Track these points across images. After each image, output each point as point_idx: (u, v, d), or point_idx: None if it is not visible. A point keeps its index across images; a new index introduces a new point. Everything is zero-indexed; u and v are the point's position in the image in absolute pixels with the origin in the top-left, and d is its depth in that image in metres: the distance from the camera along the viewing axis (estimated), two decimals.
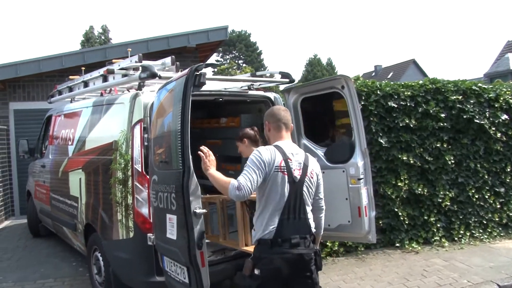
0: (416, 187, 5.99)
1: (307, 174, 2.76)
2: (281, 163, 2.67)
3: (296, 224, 2.67)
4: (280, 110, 2.94)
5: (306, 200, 2.75)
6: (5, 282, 5.18)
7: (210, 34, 9.89)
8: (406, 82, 6.20)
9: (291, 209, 2.66)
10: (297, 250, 2.61)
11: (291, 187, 2.67)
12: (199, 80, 3.20)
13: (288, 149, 2.77)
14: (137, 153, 3.89)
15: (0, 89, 8.81)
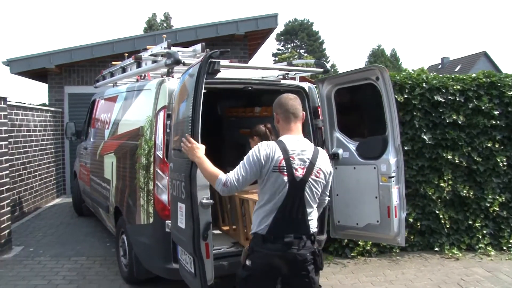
0: (462, 189, 5.56)
1: (313, 173, 2.53)
2: (281, 162, 2.47)
3: (292, 224, 2.51)
4: (288, 99, 2.68)
5: (308, 201, 2.55)
6: (43, 256, 5.47)
7: (260, 22, 9.76)
8: (457, 75, 5.73)
9: (288, 208, 2.49)
10: (289, 249, 2.46)
11: (291, 187, 2.48)
12: (213, 68, 3.11)
13: (292, 145, 2.54)
14: (159, 140, 3.89)
15: (56, 73, 9.30)
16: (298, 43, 54.93)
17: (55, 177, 8.92)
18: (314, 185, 2.56)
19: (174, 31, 9.64)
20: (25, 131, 7.33)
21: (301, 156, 2.53)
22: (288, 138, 2.59)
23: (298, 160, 2.51)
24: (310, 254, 2.51)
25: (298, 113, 2.65)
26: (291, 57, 43.95)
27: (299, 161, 2.51)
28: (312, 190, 2.55)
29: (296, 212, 2.51)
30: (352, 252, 5.42)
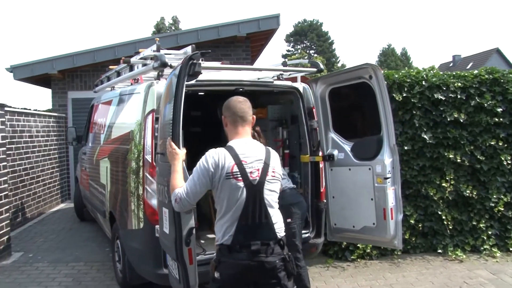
0: (465, 189, 5.41)
1: (268, 173, 2.46)
2: (233, 168, 2.39)
3: (257, 230, 2.41)
4: (236, 102, 2.59)
5: (269, 202, 2.47)
6: (42, 262, 5.47)
7: (261, 23, 9.68)
8: (458, 72, 5.58)
9: (250, 214, 2.40)
10: (257, 257, 2.36)
11: (249, 192, 2.39)
12: (194, 69, 3.04)
13: (242, 149, 2.46)
14: (148, 144, 3.84)
15: (59, 79, 9.34)
16: (308, 44, 54.69)
17: (59, 182, 8.95)
18: (272, 186, 2.49)
19: (176, 34, 9.62)
20: (27, 136, 7.36)
21: (253, 158, 2.45)
22: (237, 142, 2.51)
23: (251, 163, 2.43)
24: (279, 261, 2.41)
25: (246, 117, 2.57)
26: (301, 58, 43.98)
27: (252, 164, 2.43)
28: (271, 191, 2.48)
29: (259, 216, 2.41)
30: (352, 255, 5.31)
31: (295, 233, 3.87)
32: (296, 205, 3.98)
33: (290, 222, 3.84)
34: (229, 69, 4.46)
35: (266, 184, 2.45)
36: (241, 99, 2.62)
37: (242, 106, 2.57)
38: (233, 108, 2.57)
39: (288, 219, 3.85)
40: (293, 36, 55.27)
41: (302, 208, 4.05)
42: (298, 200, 4.07)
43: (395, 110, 5.34)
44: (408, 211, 5.35)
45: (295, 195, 4.09)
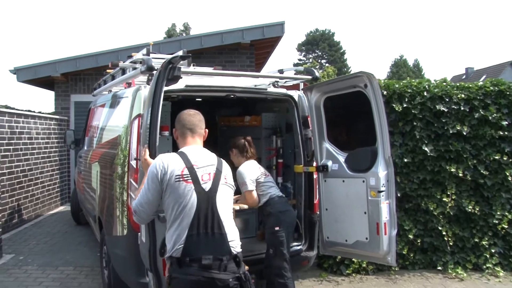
0: (467, 204, 5.20)
1: (221, 179, 2.40)
2: (183, 171, 2.33)
3: (209, 242, 2.27)
4: (185, 115, 2.63)
5: (223, 212, 2.35)
6: (31, 265, 5.40)
7: (266, 30, 9.59)
8: (462, 83, 5.40)
9: (202, 223, 2.27)
10: (208, 273, 2.20)
11: (200, 198, 2.30)
12: (173, 74, 2.95)
13: (194, 154, 2.44)
14: (133, 149, 3.73)
15: (62, 82, 9.35)
16: (320, 53, 54.63)
17: (59, 185, 8.92)
18: (225, 194, 2.41)
19: (179, 39, 9.63)
20: (26, 138, 7.34)
21: (205, 163, 2.43)
22: (188, 148, 2.52)
23: (203, 168, 2.40)
24: (233, 279, 2.24)
25: (195, 129, 2.59)
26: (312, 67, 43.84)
27: (204, 168, 2.40)
28: (224, 200, 2.39)
29: (211, 227, 2.28)
30: (347, 269, 5.13)
31: (283, 241, 3.75)
32: (284, 213, 3.87)
33: (278, 230, 3.76)
34: (221, 74, 4.35)
35: (219, 191, 2.36)
36: (192, 112, 2.66)
37: (192, 119, 2.60)
38: (182, 121, 2.60)
39: (276, 227, 3.78)
40: (305, 45, 55.29)
41: (290, 217, 3.93)
42: (287, 208, 3.96)
43: (395, 121, 5.19)
44: (407, 226, 5.16)
45: (284, 203, 3.99)
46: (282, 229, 3.77)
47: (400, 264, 5.26)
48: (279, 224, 3.78)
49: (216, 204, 2.33)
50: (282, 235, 3.75)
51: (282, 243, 3.74)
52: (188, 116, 2.62)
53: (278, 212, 3.84)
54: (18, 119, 7.13)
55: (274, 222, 3.83)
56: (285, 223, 3.82)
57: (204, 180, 2.33)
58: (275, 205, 3.88)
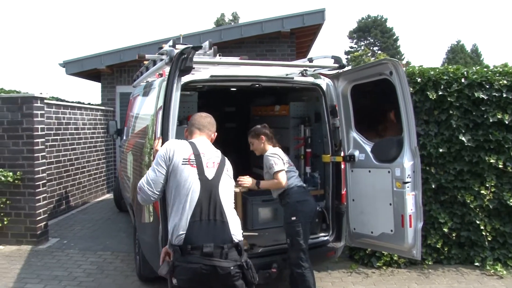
0: (509, 197, 4.91)
1: (223, 172, 2.50)
2: (190, 156, 2.45)
3: (211, 229, 2.30)
4: (197, 116, 2.83)
5: (225, 200, 2.40)
6: (73, 249, 5.73)
7: (306, 18, 9.45)
8: (505, 68, 5.06)
9: (204, 210, 2.31)
10: (209, 261, 2.23)
11: (203, 185, 2.37)
12: (185, 64, 3.00)
13: (202, 145, 2.58)
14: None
15: (108, 74, 9.75)
16: (372, 40, 53.06)
17: (106, 173, 9.36)
18: (228, 184, 2.50)
19: (219, 29, 9.66)
20: (72, 129, 7.75)
21: (210, 155, 2.56)
22: (196, 139, 2.67)
23: (209, 157, 2.53)
24: (235, 267, 2.28)
25: (203, 128, 2.74)
26: (364, 55, 42.75)
27: (210, 157, 2.54)
28: (226, 189, 2.46)
29: (213, 214, 2.32)
30: (378, 262, 5.02)
31: (299, 231, 3.73)
32: (302, 202, 3.83)
33: (294, 220, 3.75)
34: (246, 64, 4.35)
35: (222, 180, 2.44)
36: (204, 114, 2.84)
37: (202, 120, 2.77)
38: (192, 121, 2.79)
39: (293, 217, 3.77)
40: (357, 32, 53.87)
41: (308, 206, 3.88)
42: (305, 198, 3.91)
43: (430, 109, 4.98)
44: (442, 219, 4.96)
45: (302, 193, 3.93)
46: (299, 219, 3.75)
47: (434, 258, 5.08)
48: (295, 214, 3.77)
49: (219, 192, 2.39)
50: (298, 225, 3.74)
51: (298, 233, 3.73)
52: (199, 118, 2.79)
53: (296, 202, 3.82)
54: (65, 110, 7.53)
55: (291, 212, 3.82)
56: (302, 213, 3.79)
57: (208, 167, 2.43)
58: (293, 195, 3.86)
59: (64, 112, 7.47)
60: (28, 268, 5.01)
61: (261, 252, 4.11)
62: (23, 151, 5.75)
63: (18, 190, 5.75)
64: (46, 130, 6.52)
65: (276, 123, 5.39)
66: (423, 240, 5.01)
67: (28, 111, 5.73)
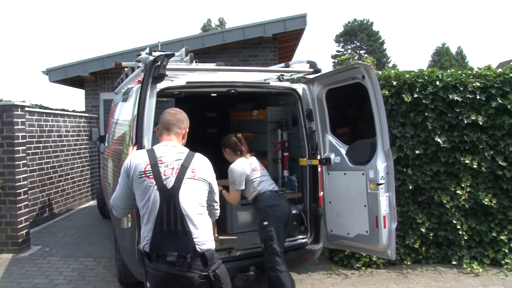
0: (484, 197, 5.01)
1: (186, 176, 2.37)
2: (146, 167, 2.36)
3: (174, 239, 2.27)
4: (165, 114, 2.68)
5: (188, 210, 2.32)
6: (55, 256, 5.72)
7: (287, 23, 9.55)
8: (478, 71, 5.17)
9: (166, 220, 2.27)
10: (171, 269, 2.21)
11: (163, 195, 2.30)
12: (158, 72, 3.04)
13: (161, 151, 2.45)
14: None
15: (92, 81, 9.75)
16: (358, 44, 53.56)
17: (90, 180, 9.33)
18: (191, 192, 2.36)
19: (202, 35, 9.70)
20: (55, 136, 7.73)
21: (170, 160, 2.42)
22: (158, 145, 2.55)
23: (167, 165, 2.39)
24: (200, 278, 2.23)
25: (171, 127, 2.61)
26: (351, 58, 43.06)
27: (168, 165, 2.39)
28: (190, 197, 2.34)
29: (174, 224, 2.27)
30: (357, 263, 5.08)
31: (272, 236, 3.77)
32: (273, 207, 3.87)
33: (267, 225, 3.78)
34: (223, 70, 4.41)
35: (184, 187, 2.33)
36: (173, 111, 2.68)
37: (170, 118, 2.62)
38: (161, 119, 2.65)
39: (265, 221, 3.81)
40: (343, 36, 54.37)
41: (280, 211, 3.90)
42: (276, 202, 3.94)
43: (406, 112, 5.07)
44: (420, 219, 5.04)
45: (274, 197, 3.97)
46: (271, 224, 3.79)
47: (412, 258, 5.16)
48: (267, 219, 3.80)
49: (179, 201, 2.30)
50: (271, 230, 3.77)
51: (271, 238, 3.76)
52: (167, 115, 2.65)
53: (267, 207, 3.87)
54: (48, 117, 7.51)
55: (263, 217, 3.87)
56: (274, 217, 3.83)
57: (166, 175, 2.33)
58: (264, 200, 3.91)
59: (46, 120, 7.45)
60: (8, 277, 4.99)
61: (239, 256, 4.14)
62: (4, 159, 5.73)
63: None
64: (28, 138, 6.51)
65: (255, 127, 5.45)
66: (401, 241, 5.11)
67: (9, 119, 5.72)
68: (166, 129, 2.60)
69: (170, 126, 2.60)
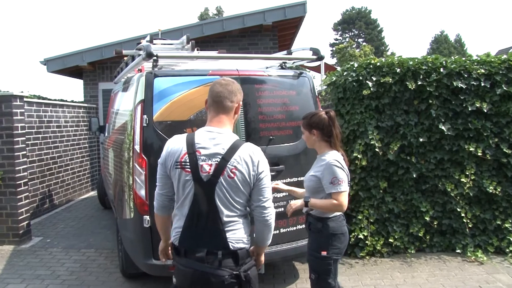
0: (488, 185, 4.97)
1: (224, 172, 2.06)
2: (183, 157, 2.09)
3: (205, 235, 2.07)
4: (215, 84, 2.23)
5: (222, 206, 2.08)
6: (56, 247, 5.67)
7: (287, 11, 9.44)
8: (482, 57, 5.11)
9: (197, 215, 2.08)
10: (200, 266, 2.03)
11: (198, 188, 2.07)
12: None
13: (203, 137, 2.12)
14: (137, 134, 3.83)
15: (90, 71, 9.64)
16: (356, 32, 53.25)
17: (90, 171, 9.28)
18: (228, 188, 2.07)
19: (201, 24, 9.59)
20: (54, 127, 7.65)
21: (211, 150, 2.09)
22: (201, 130, 2.19)
23: (206, 156, 2.08)
24: (230, 277, 2.01)
25: (221, 101, 2.18)
26: (349, 47, 42.82)
27: (208, 156, 2.08)
28: (226, 193, 2.08)
29: (206, 219, 2.07)
30: (361, 252, 5.06)
31: (330, 270, 2.94)
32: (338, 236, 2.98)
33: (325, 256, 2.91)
34: (224, 58, 4.33)
35: (220, 184, 2.06)
36: (224, 81, 2.24)
37: (221, 90, 2.20)
38: (210, 91, 2.24)
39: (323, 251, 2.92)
40: (341, 24, 54.02)
41: (345, 240, 3.03)
42: (343, 230, 3.04)
43: (409, 99, 5.02)
44: (424, 207, 5.01)
45: (341, 222, 3.02)
46: (330, 256, 2.91)
47: (416, 246, 5.14)
48: (327, 249, 2.90)
49: (215, 197, 2.07)
50: (329, 263, 2.92)
51: (328, 272, 2.93)
52: (217, 86, 2.22)
53: (332, 234, 2.91)
54: (47, 108, 7.43)
55: (321, 244, 2.93)
56: (335, 249, 2.93)
57: (203, 171, 2.07)
58: (331, 224, 2.93)
59: (45, 110, 7.37)
60: (10, 268, 4.95)
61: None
62: (3, 150, 5.66)
63: None
64: (27, 129, 6.45)
65: None
66: (405, 229, 5.10)
67: (7, 109, 5.64)
68: (216, 104, 2.19)
69: (221, 99, 2.18)
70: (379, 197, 5.03)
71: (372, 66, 4.97)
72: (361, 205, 5.02)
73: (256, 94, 4.07)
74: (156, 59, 3.86)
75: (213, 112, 2.21)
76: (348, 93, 5.06)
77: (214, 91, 2.21)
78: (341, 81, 5.13)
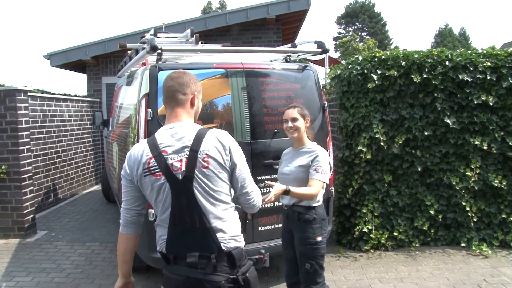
0: (493, 179, 4.95)
1: (197, 163, 1.89)
2: (150, 162, 1.90)
3: (193, 237, 1.90)
4: (167, 80, 2.06)
5: (204, 200, 1.90)
6: (61, 241, 5.70)
7: (291, 4, 9.38)
8: (489, 50, 5.07)
9: (180, 217, 1.90)
10: (192, 272, 1.86)
11: (174, 189, 1.89)
12: None
13: (164, 137, 1.95)
14: (141, 128, 3.82)
15: (93, 65, 9.63)
16: (360, 25, 53.01)
17: (94, 165, 9.30)
18: (206, 179, 1.91)
19: (204, 17, 9.55)
20: (58, 121, 7.66)
21: (177, 146, 1.93)
22: (161, 129, 2.01)
23: (173, 152, 1.91)
24: (227, 282, 1.87)
25: (175, 96, 2.01)
26: (352, 40, 42.66)
27: (175, 152, 1.91)
28: (205, 186, 1.91)
29: (190, 220, 1.90)
30: (366, 245, 5.05)
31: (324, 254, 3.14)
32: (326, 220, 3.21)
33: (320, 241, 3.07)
34: (228, 51, 4.31)
35: (197, 177, 1.90)
36: (175, 74, 2.07)
37: (171, 83, 2.02)
38: (162, 88, 2.08)
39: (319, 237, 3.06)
40: (344, 18, 53.81)
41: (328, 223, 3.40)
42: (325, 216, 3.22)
43: (414, 92, 4.99)
44: (429, 201, 5.00)
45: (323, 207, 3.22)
46: (323, 240, 3.09)
47: (421, 240, 5.13)
48: (321, 234, 3.06)
49: (195, 194, 1.90)
50: (323, 247, 3.09)
51: (323, 256, 3.10)
52: (168, 81, 2.05)
53: (322, 219, 3.10)
54: (50, 102, 7.43)
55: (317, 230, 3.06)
56: (326, 232, 3.19)
57: (174, 169, 1.90)
58: (320, 209, 3.13)
59: (49, 105, 7.38)
60: (16, 262, 4.98)
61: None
62: (8, 144, 5.67)
63: (4, 183, 5.69)
64: (31, 123, 6.45)
65: None
66: (410, 223, 5.09)
67: (12, 104, 5.64)
68: (168, 98, 2.03)
69: (173, 93, 2.01)
70: (383, 191, 5.02)
71: (377, 59, 4.94)
72: (366, 199, 5.01)
73: (260, 87, 4.05)
74: (161, 53, 3.85)
75: (169, 108, 2.05)
76: (353, 86, 5.04)
77: (165, 86, 2.06)
78: (345, 74, 5.11)
